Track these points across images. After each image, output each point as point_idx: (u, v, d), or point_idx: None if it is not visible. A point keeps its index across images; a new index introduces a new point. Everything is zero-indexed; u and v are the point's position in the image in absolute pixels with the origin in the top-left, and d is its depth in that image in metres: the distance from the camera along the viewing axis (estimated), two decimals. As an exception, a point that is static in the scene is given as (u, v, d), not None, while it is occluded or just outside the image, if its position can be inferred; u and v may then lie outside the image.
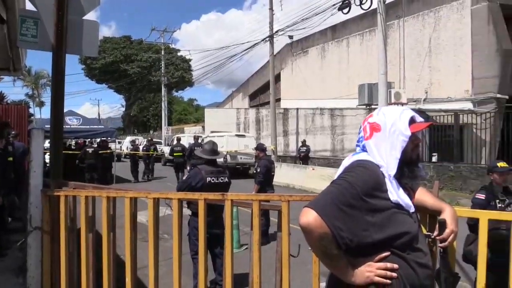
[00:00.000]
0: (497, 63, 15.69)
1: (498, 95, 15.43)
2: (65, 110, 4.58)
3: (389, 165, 1.66)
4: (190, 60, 49.08)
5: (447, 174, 13.59)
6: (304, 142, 19.65)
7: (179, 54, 49.83)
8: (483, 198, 4.13)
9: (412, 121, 1.73)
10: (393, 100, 15.09)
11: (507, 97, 15.47)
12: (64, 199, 3.42)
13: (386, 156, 1.68)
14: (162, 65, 37.92)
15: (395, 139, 1.69)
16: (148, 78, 46.42)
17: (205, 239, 2.90)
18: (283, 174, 15.96)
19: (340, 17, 14.54)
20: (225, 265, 2.91)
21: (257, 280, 2.72)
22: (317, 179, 13.76)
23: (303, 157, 18.96)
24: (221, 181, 4.82)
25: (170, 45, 42.72)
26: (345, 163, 1.77)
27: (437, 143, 15.24)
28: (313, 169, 15.62)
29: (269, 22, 20.34)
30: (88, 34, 4.13)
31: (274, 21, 20.33)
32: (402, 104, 15.52)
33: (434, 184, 3.27)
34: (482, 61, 16.22)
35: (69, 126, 14.51)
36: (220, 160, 16.98)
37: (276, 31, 20.13)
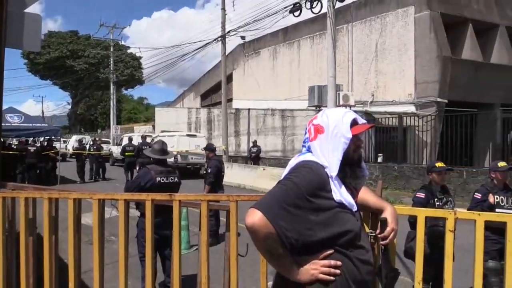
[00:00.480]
0: (438, 68, 16.56)
1: (439, 99, 16.28)
2: (5, 107, 4.35)
3: (331, 166, 1.70)
4: (140, 57, 47.98)
5: (392, 174, 14.16)
6: (255, 142, 19.78)
7: (129, 51, 48.62)
8: (423, 197, 4.33)
9: (354, 123, 1.78)
10: (341, 102, 15.51)
11: (446, 101, 16.34)
12: (1, 201, 3.24)
13: (328, 157, 1.72)
14: (111, 62, 36.82)
15: (337, 141, 1.73)
16: (96, 75, 44.85)
17: (153, 241, 2.86)
18: (234, 175, 15.98)
19: (292, 19, 14.80)
20: (173, 266, 2.88)
21: (205, 280, 2.71)
22: (268, 179, 13.89)
23: (254, 158, 19.08)
24: (171, 181, 4.75)
25: (120, 42, 41.54)
26: (291, 163, 1.81)
27: (383, 144, 15.84)
28: (264, 169, 15.76)
29: (221, 22, 20.30)
30: (30, 27, 3.95)
31: (226, 21, 20.32)
32: (350, 106, 16.01)
33: (378, 183, 3.39)
34: (424, 67, 17.04)
35: (9, 124, 13.75)
36: (170, 160, 16.74)
37: (228, 31, 20.13)
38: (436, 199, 4.31)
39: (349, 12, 20.19)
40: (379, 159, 15.56)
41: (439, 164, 4.42)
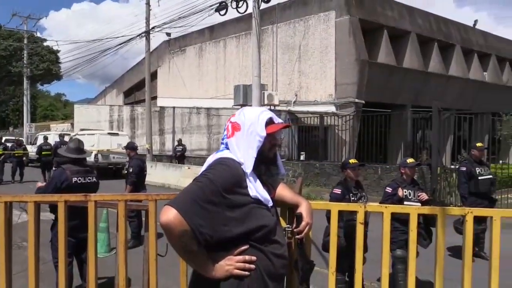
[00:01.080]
0: (356, 71, 17.46)
1: (357, 100, 17.20)
2: None
3: (246, 163, 1.74)
4: (58, 51, 45.03)
5: (313, 171, 14.69)
6: (180, 141, 19.51)
7: (45, 44, 45.50)
8: (339, 192, 4.55)
9: (269, 122, 1.83)
10: (266, 102, 15.81)
11: (363, 101, 17.31)
12: None
13: (244, 154, 1.77)
14: (25, 55, 34.31)
15: (252, 138, 1.77)
16: (7, 68, 41.51)
17: (66, 244, 2.72)
18: (158, 174, 15.64)
19: (218, 18, 14.74)
20: (88, 270, 2.77)
21: (123, 283, 2.64)
22: (193, 179, 13.76)
23: (179, 157, 18.82)
24: (89, 181, 4.55)
25: (35, 33, 38.84)
26: (209, 160, 1.82)
27: (305, 143, 16.38)
28: (189, 168, 15.60)
29: (145, 18, 19.76)
30: None
31: (151, 16, 19.81)
32: (275, 105, 16.37)
33: (297, 180, 3.51)
34: (343, 69, 17.88)
35: None
36: (91, 159, 15.98)
37: (153, 27, 19.64)
38: (351, 194, 4.54)
39: (274, 13, 20.60)
40: (302, 157, 16.07)
41: (353, 161, 4.66)
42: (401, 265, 4.53)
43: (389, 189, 4.93)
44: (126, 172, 7.52)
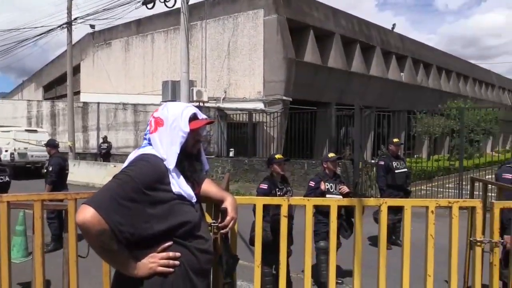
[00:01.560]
0: (283, 69, 17.87)
1: (284, 97, 17.62)
2: None
3: (169, 159, 1.73)
4: (-34, 40, 41.42)
5: (243, 168, 14.83)
6: (105, 138, 18.77)
7: (-49, 32, 41.53)
8: (266, 187, 4.63)
9: (193, 118, 1.83)
10: (195, 98, 15.68)
11: (291, 99, 17.77)
12: None
13: (167, 150, 1.75)
14: None
15: (175, 134, 1.76)
16: None
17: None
18: (82, 173, 14.95)
19: (145, 11, 14.36)
20: (1, 276, 2.59)
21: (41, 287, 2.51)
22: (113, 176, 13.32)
23: (104, 154, 18.11)
24: (0, 180, 4.25)
25: None
26: (130, 157, 1.79)
27: (234, 139, 16.49)
28: (114, 166, 15.06)
29: (67, 7, 18.69)
30: None
31: (73, 7, 18.79)
32: (204, 102, 16.29)
33: (225, 176, 3.53)
34: (271, 67, 18.22)
35: None
36: (7, 158, 14.88)
37: (75, 18, 18.64)
38: (277, 189, 4.63)
39: (203, 9, 20.45)
40: (231, 154, 16.16)
41: (278, 156, 4.77)
42: (324, 256, 4.72)
43: (312, 183, 5.11)
44: (45, 171, 7.09)
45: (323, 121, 16.47)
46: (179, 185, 1.72)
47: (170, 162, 1.72)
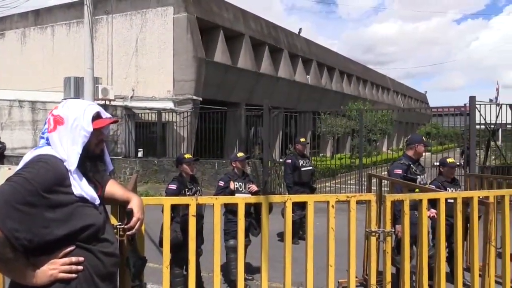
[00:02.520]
0: (193, 68, 17.75)
1: (194, 97, 17.51)
2: None
3: (70, 159, 1.66)
4: None
5: (152, 168, 14.49)
6: (-2, 138, 17.14)
7: None
8: (175, 188, 4.60)
9: (96, 117, 1.77)
10: (100, 96, 14.96)
11: (201, 99, 17.72)
12: None
13: (68, 150, 1.67)
14: None
15: (77, 134, 1.69)
16: None
17: None
18: (-30, 176, 13.51)
19: (45, 1, 13.34)
20: None
21: None
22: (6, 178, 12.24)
23: (-3, 156, 16.54)
24: None
25: None
26: (26, 158, 1.67)
27: (143, 139, 16.03)
28: (9, 168, 13.77)
29: (-52, -7, 16.76)
30: None
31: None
32: (110, 100, 15.60)
33: (132, 177, 3.45)
34: (181, 65, 18.00)
35: None
36: None
37: (-41, 5, 16.77)
38: (187, 189, 4.63)
39: (109, 3, 19.56)
40: (140, 154, 15.70)
41: (188, 156, 4.77)
42: (234, 254, 4.80)
43: (221, 183, 5.18)
44: None
45: (233, 121, 16.69)
46: (80, 187, 1.65)
47: (71, 163, 1.65)
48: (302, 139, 7.99)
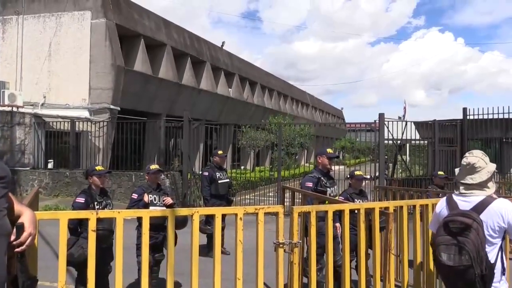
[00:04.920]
0: (111, 76, 17.10)
1: (112, 106, 16.83)
2: None
3: None
4: None
5: (63, 181, 13.65)
6: None
7: None
8: (83, 201, 4.36)
9: None
10: (6, 102, 13.89)
11: (119, 108, 17.08)
12: None
13: None
14: None
15: None
16: None
17: None
18: None
19: None
20: None
21: None
22: None
23: None
24: None
25: None
26: None
27: (54, 149, 15.07)
28: None
29: None
30: None
31: None
32: (18, 107, 14.51)
33: (33, 189, 3.21)
34: (98, 73, 17.26)
35: None
36: None
37: None
38: (96, 202, 4.42)
39: (20, 3, 18.32)
40: (50, 165, 14.72)
41: (99, 168, 4.56)
42: (156, 266, 4.69)
43: (135, 196, 5.02)
44: None
45: (152, 132, 16.29)
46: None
47: None
48: (220, 152, 8.05)
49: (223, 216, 4.70)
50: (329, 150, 5.38)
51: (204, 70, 24.97)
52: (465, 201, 2.70)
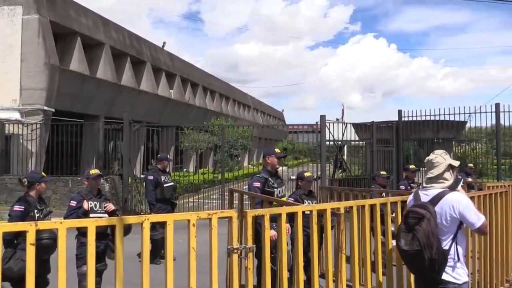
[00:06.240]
0: (45, 76, 16.14)
1: (46, 108, 15.86)
2: None
3: None
4: None
5: (-9, 188, 12.72)
6: None
7: None
8: (22, 209, 4.10)
9: None
10: None
11: (53, 110, 16.16)
12: None
13: None
14: None
15: None
16: None
17: None
18: None
19: None
20: None
21: None
22: None
23: None
24: None
25: None
26: None
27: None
28: None
29: None
30: None
31: None
32: None
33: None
34: (30, 72, 16.23)
35: None
36: None
37: None
38: (36, 210, 4.19)
39: None
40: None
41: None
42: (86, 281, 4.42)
43: (73, 203, 4.76)
44: None
45: (90, 134, 15.58)
46: None
47: None
48: (168, 156, 7.97)
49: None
50: (276, 150, 5.38)
51: (144, 70, 24.31)
52: (426, 194, 3.09)
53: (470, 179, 9.92)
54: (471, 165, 12.07)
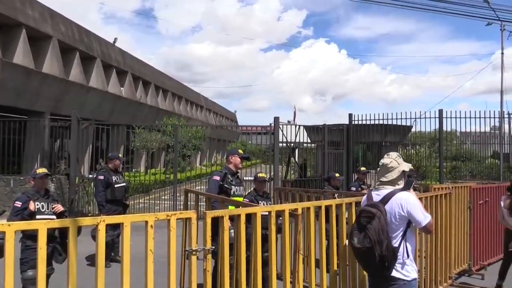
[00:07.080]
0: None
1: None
2: None
3: None
4: None
5: None
6: None
7: None
8: None
9: None
10: None
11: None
12: None
13: None
14: None
15: None
16: None
17: None
18: None
19: None
20: None
21: None
22: None
23: None
24: None
25: None
26: None
27: None
28: None
29: None
30: None
31: None
32: None
33: None
34: (-31, 64, 15.25)
35: None
36: None
37: None
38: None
39: None
40: None
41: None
42: (33, 286, 4.18)
43: (18, 204, 4.50)
44: None
45: (35, 131, 14.82)
46: None
47: None
48: (120, 155, 7.75)
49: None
50: (240, 151, 5.57)
51: (94, 66, 23.48)
52: (377, 194, 3.20)
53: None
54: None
